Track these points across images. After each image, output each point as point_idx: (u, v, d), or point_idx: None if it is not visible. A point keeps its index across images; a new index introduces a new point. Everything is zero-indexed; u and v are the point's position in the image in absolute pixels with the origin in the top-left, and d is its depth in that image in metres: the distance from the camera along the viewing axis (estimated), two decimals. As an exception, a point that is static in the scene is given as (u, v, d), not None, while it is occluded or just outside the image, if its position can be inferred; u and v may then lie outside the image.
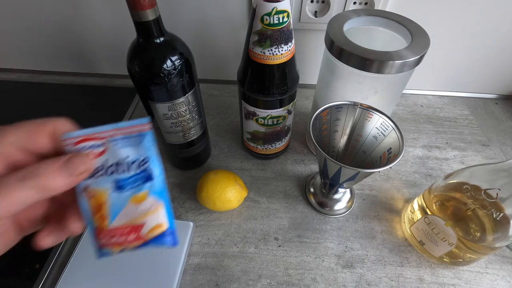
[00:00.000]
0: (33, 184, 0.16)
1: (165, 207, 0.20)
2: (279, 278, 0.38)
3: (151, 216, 0.20)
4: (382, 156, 0.36)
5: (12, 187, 0.15)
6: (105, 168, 0.20)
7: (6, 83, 0.67)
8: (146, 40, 0.33)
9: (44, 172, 0.16)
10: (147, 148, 0.20)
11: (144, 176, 0.20)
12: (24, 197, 0.16)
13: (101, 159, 0.20)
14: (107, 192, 0.19)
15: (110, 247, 0.20)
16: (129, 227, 0.20)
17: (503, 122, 0.60)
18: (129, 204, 0.20)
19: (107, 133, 0.20)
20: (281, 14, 0.32)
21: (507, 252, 0.41)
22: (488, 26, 0.53)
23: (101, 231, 0.20)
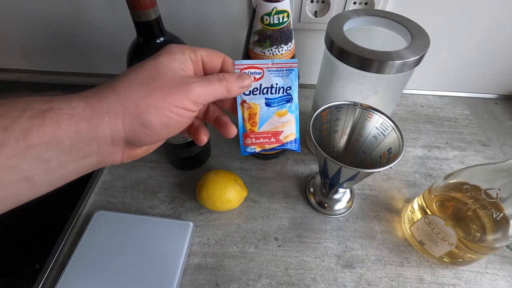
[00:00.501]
0: (224, 84, 0.23)
1: (296, 122, 0.28)
2: (279, 278, 0.38)
3: (287, 127, 0.27)
4: (382, 156, 0.36)
5: (213, 82, 0.23)
6: (260, 89, 0.27)
7: (6, 83, 0.67)
8: (146, 40, 0.33)
9: (229, 78, 0.24)
10: (293, 79, 0.27)
11: (287, 98, 0.27)
12: (219, 91, 0.23)
13: (258, 82, 0.27)
14: (260, 106, 0.27)
15: (255, 146, 0.27)
16: (271, 133, 0.27)
17: (503, 122, 0.60)
18: (274, 116, 0.27)
19: (265, 65, 0.27)
20: (281, 14, 0.32)
21: (507, 252, 0.41)
22: (488, 26, 0.53)
23: (251, 133, 0.27)
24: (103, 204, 0.45)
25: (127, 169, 0.50)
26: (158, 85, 0.20)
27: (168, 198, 0.46)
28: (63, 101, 0.18)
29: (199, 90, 0.21)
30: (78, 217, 0.43)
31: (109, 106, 0.19)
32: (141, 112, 0.20)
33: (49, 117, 0.17)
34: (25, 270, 0.39)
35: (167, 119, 0.21)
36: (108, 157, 0.21)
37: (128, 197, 0.46)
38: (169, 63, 0.21)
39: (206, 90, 0.22)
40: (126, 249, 0.39)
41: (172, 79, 0.21)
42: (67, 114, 0.18)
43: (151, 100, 0.20)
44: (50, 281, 0.37)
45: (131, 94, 0.20)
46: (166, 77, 0.21)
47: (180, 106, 0.21)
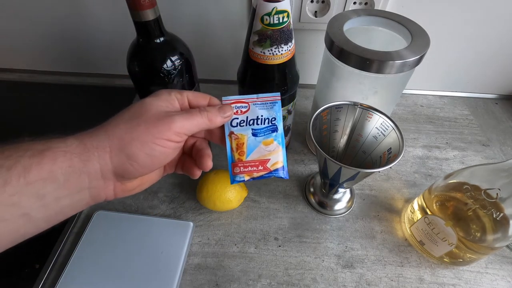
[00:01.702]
0: (205, 115, 0.25)
1: (282, 150, 0.29)
2: (279, 278, 0.38)
3: (274, 155, 0.28)
4: (382, 156, 0.36)
5: (195, 114, 0.25)
6: (246, 121, 0.29)
7: (6, 83, 0.67)
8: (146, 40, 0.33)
9: (210, 110, 0.26)
10: (276, 111, 0.29)
11: (272, 128, 0.29)
12: (201, 121, 0.25)
13: (245, 115, 0.29)
14: (247, 136, 0.29)
15: (243, 174, 0.28)
16: (258, 161, 0.28)
17: (503, 122, 0.60)
18: (261, 145, 0.29)
19: (251, 99, 0.29)
20: (281, 14, 0.32)
21: (507, 252, 0.41)
22: (488, 26, 0.53)
23: (239, 162, 0.28)
24: (103, 204, 0.45)
25: (127, 169, 0.50)
26: (142, 120, 0.23)
27: (168, 198, 0.46)
28: (60, 141, 0.21)
29: (181, 122, 0.23)
30: (78, 217, 0.43)
31: (98, 142, 0.22)
32: (126, 145, 0.22)
33: (47, 155, 0.19)
34: (25, 270, 0.39)
35: (150, 150, 0.23)
36: (100, 191, 0.23)
37: (128, 197, 0.46)
38: (154, 102, 0.24)
39: (188, 121, 0.24)
40: (126, 249, 0.39)
41: (155, 114, 0.23)
42: (63, 151, 0.20)
43: (135, 134, 0.22)
44: (50, 281, 0.37)
45: (117, 130, 0.22)
46: (150, 113, 0.23)
47: (163, 137, 0.23)
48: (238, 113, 0.29)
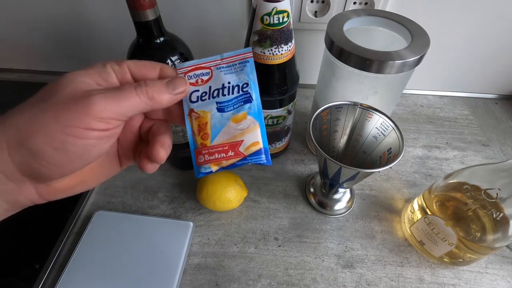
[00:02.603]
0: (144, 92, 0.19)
1: (260, 128, 0.21)
2: (279, 278, 0.38)
3: (248, 134, 0.21)
4: (382, 156, 0.36)
5: (127, 93, 0.18)
6: (209, 92, 0.22)
7: (6, 83, 0.67)
8: (146, 40, 0.33)
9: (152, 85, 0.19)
10: (249, 73, 0.22)
11: (244, 98, 0.22)
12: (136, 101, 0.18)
13: (207, 84, 0.22)
14: (210, 113, 0.22)
15: (210, 163, 0.21)
16: (228, 144, 0.21)
17: (503, 122, 0.60)
18: (229, 123, 0.21)
19: (213, 62, 0.23)
20: (281, 14, 0.32)
21: (507, 252, 0.41)
22: (488, 26, 0.53)
23: (203, 149, 0.21)
24: (103, 204, 0.45)
25: (127, 169, 0.49)
26: (49, 105, 0.17)
27: (168, 198, 0.46)
28: None
29: (104, 103, 0.17)
30: (78, 217, 0.43)
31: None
32: (26, 138, 0.17)
33: None
34: (25, 270, 0.39)
35: (61, 144, 0.17)
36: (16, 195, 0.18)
37: (128, 197, 0.46)
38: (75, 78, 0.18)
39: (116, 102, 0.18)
40: (126, 249, 0.39)
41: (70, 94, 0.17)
42: None
43: (38, 123, 0.17)
44: (50, 281, 0.37)
45: (18, 118, 0.17)
46: (62, 94, 0.17)
47: (77, 125, 0.17)
48: (198, 83, 0.22)
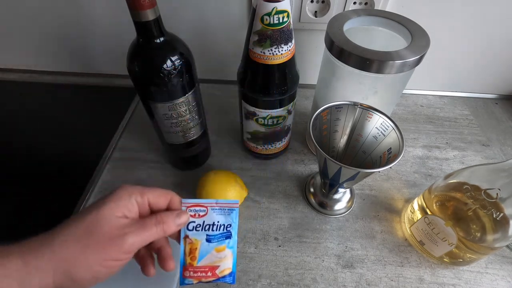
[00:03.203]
0: (161, 227, 0.25)
1: (233, 257, 0.30)
2: (279, 278, 0.38)
3: (224, 262, 0.29)
4: (382, 156, 0.36)
5: (150, 227, 0.24)
6: (202, 225, 0.30)
7: (6, 83, 0.67)
8: (146, 40, 0.33)
9: (166, 220, 0.26)
10: (233, 218, 0.30)
11: (227, 235, 0.30)
12: (155, 234, 0.25)
13: (202, 219, 0.30)
14: (200, 242, 0.29)
15: (193, 278, 0.29)
16: (208, 267, 0.29)
17: (503, 122, 0.60)
18: (213, 251, 0.29)
19: (209, 204, 0.30)
20: (281, 14, 0.32)
21: (507, 252, 0.41)
22: (488, 26, 0.53)
23: (190, 267, 0.29)
24: (103, 204, 0.45)
25: (127, 169, 0.50)
26: (92, 241, 0.22)
27: None
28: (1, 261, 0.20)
29: (132, 239, 0.23)
30: (78, 217, 0.43)
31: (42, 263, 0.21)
32: (71, 268, 0.21)
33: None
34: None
35: (97, 273, 0.22)
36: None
37: (128, 197, 0.46)
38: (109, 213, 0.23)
39: (141, 238, 0.24)
40: (126, 249, 0.39)
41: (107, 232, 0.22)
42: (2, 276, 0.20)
43: (82, 257, 0.21)
44: (50, 281, 0.37)
45: (65, 250, 0.21)
46: (102, 231, 0.22)
47: (111, 258, 0.22)
48: (195, 216, 0.30)
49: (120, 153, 0.53)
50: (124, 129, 0.57)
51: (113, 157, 0.52)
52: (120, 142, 0.54)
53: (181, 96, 0.37)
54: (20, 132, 0.57)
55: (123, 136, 0.55)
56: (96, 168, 0.49)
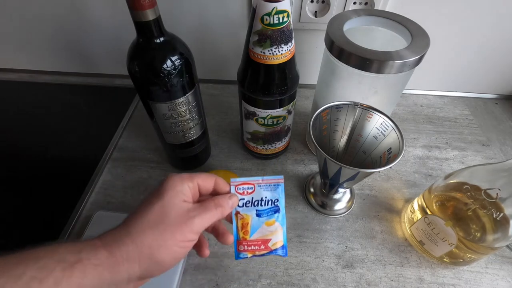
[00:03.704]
0: (220, 210, 0.27)
1: (283, 230, 0.31)
2: (279, 278, 0.38)
3: (275, 235, 0.31)
4: (382, 156, 0.36)
5: (211, 210, 0.27)
6: (251, 202, 0.31)
7: (6, 83, 0.67)
8: (146, 40, 0.33)
9: (223, 204, 0.28)
10: (279, 193, 0.31)
11: (275, 209, 0.31)
12: (215, 216, 0.27)
13: (250, 196, 0.31)
14: (251, 217, 0.31)
15: (247, 252, 0.31)
16: (260, 241, 0.31)
17: (503, 122, 0.60)
18: (263, 225, 0.31)
19: (256, 181, 0.31)
20: (281, 14, 0.32)
21: (507, 252, 0.41)
22: (488, 26, 0.53)
23: (243, 241, 0.31)
24: (103, 204, 0.45)
25: (127, 169, 0.50)
26: (167, 225, 0.24)
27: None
28: (90, 251, 0.22)
29: (199, 221, 0.25)
30: (78, 217, 0.43)
31: (128, 254, 0.22)
32: (154, 253, 0.23)
33: (78, 268, 0.20)
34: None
35: (176, 253, 0.25)
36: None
37: (128, 197, 0.46)
38: (173, 200, 0.25)
39: (206, 220, 0.26)
40: (126, 249, 0.39)
41: (178, 217, 0.25)
42: (93, 265, 0.21)
43: (162, 241, 0.24)
44: (50, 281, 0.37)
45: (146, 238, 0.23)
46: (172, 216, 0.24)
47: (185, 239, 0.25)
48: (244, 194, 0.32)
49: (120, 153, 0.53)
50: (124, 129, 0.57)
51: (113, 157, 0.52)
52: (120, 142, 0.54)
53: (181, 96, 0.37)
54: (20, 132, 0.57)
55: (123, 136, 0.55)
56: (96, 168, 0.49)
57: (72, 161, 0.52)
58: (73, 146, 0.55)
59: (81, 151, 0.54)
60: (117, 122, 0.57)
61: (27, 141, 0.55)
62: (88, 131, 0.57)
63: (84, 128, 0.58)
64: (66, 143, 0.55)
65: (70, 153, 0.53)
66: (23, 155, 0.53)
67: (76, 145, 0.55)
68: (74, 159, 0.52)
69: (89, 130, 0.57)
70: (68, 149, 0.54)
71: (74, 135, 0.56)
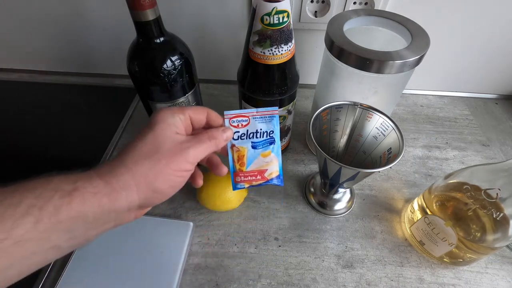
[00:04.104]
0: (214, 142, 0.27)
1: (278, 161, 0.31)
2: (279, 278, 0.38)
3: (271, 166, 0.31)
4: (382, 156, 0.36)
5: (205, 141, 0.26)
6: (247, 134, 0.31)
7: (6, 83, 0.67)
8: (146, 40, 0.33)
9: (217, 136, 0.28)
10: (274, 124, 0.32)
11: (270, 141, 0.31)
12: (210, 148, 0.27)
13: (245, 128, 0.31)
14: (247, 149, 0.31)
15: (244, 183, 0.31)
16: (257, 171, 0.31)
17: (503, 122, 0.60)
18: (259, 157, 0.31)
19: (250, 113, 0.31)
20: (281, 14, 0.32)
21: (507, 252, 0.41)
22: (488, 26, 0.53)
23: (240, 172, 0.31)
24: (103, 204, 0.45)
25: (127, 169, 0.50)
26: (161, 155, 0.24)
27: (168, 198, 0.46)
28: (86, 181, 0.21)
29: (194, 152, 0.25)
30: (78, 217, 0.43)
31: (124, 182, 0.22)
32: (151, 181, 0.23)
33: (76, 196, 0.20)
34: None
35: (172, 182, 0.25)
36: (124, 219, 0.24)
37: (128, 197, 0.46)
38: (165, 132, 0.25)
39: (200, 151, 0.26)
40: (126, 249, 0.39)
41: (171, 147, 0.25)
42: (91, 193, 0.21)
43: (157, 170, 0.24)
44: (50, 281, 0.37)
45: (140, 167, 0.23)
46: (165, 146, 0.24)
47: (180, 169, 0.25)
48: (239, 127, 0.31)
49: (120, 153, 0.53)
50: (124, 129, 0.57)
51: (113, 157, 0.52)
52: (120, 142, 0.54)
53: (181, 96, 0.37)
54: (20, 132, 0.57)
55: (123, 136, 0.55)
56: (96, 168, 0.49)
57: (72, 161, 0.52)
58: (73, 146, 0.55)
59: (81, 151, 0.54)
60: (117, 122, 0.57)
61: (27, 141, 0.55)
62: (88, 131, 0.57)
63: (84, 128, 0.58)
64: (66, 143, 0.55)
65: (70, 153, 0.53)
66: (23, 155, 0.53)
67: (76, 145, 0.55)
68: (74, 159, 0.52)
69: (89, 130, 0.57)
70: (68, 149, 0.54)
71: (74, 135, 0.56)
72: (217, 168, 0.30)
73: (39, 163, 0.52)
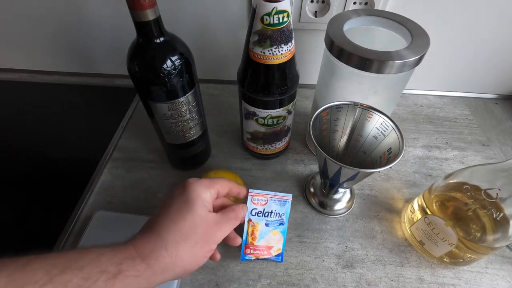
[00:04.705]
0: (238, 220, 0.31)
1: (283, 240, 0.38)
2: (279, 278, 0.38)
3: (277, 243, 0.38)
4: (382, 156, 0.36)
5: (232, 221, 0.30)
6: (263, 212, 0.37)
7: (6, 83, 0.67)
8: (146, 40, 0.33)
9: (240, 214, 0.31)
10: (286, 209, 0.39)
11: (280, 222, 0.38)
12: (234, 226, 0.30)
13: (263, 207, 0.38)
14: (261, 225, 0.37)
15: (252, 255, 0.37)
16: (265, 247, 0.37)
17: (503, 122, 0.60)
18: (270, 234, 0.37)
19: (269, 195, 0.38)
20: (281, 14, 0.32)
21: (507, 252, 0.41)
22: (488, 26, 0.53)
23: (251, 245, 0.37)
24: (103, 204, 0.45)
25: (127, 169, 0.50)
26: (197, 238, 0.27)
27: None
28: (130, 265, 0.24)
29: (221, 234, 0.29)
30: (78, 217, 0.43)
31: (165, 266, 0.25)
32: (186, 264, 0.26)
33: (120, 279, 0.23)
34: (25, 270, 0.39)
35: (200, 262, 0.28)
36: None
37: (128, 197, 0.46)
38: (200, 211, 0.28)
39: (226, 231, 0.29)
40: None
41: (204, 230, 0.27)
42: (133, 276, 0.23)
43: (193, 253, 0.26)
44: (50, 281, 0.37)
45: (181, 251, 0.26)
46: (201, 229, 0.27)
47: (210, 250, 0.28)
48: (258, 204, 0.37)
49: (120, 153, 0.53)
50: (124, 129, 0.57)
51: (113, 157, 0.52)
52: (120, 142, 0.54)
53: (181, 96, 0.37)
54: (20, 132, 0.57)
55: (123, 136, 0.55)
56: (96, 168, 0.49)
57: (72, 161, 0.52)
58: (73, 146, 0.55)
59: (81, 151, 0.54)
60: (117, 122, 0.57)
61: (27, 141, 0.55)
62: (88, 131, 0.57)
63: (84, 128, 0.58)
64: (66, 143, 0.55)
65: (70, 153, 0.53)
66: (23, 155, 0.53)
67: (76, 145, 0.55)
68: (74, 159, 0.52)
69: (89, 130, 0.57)
70: (68, 149, 0.54)
71: (74, 135, 0.56)
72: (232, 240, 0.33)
73: (39, 163, 0.52)
